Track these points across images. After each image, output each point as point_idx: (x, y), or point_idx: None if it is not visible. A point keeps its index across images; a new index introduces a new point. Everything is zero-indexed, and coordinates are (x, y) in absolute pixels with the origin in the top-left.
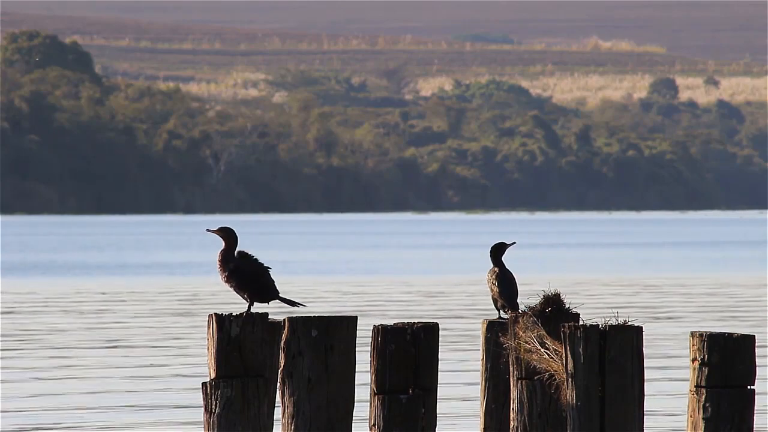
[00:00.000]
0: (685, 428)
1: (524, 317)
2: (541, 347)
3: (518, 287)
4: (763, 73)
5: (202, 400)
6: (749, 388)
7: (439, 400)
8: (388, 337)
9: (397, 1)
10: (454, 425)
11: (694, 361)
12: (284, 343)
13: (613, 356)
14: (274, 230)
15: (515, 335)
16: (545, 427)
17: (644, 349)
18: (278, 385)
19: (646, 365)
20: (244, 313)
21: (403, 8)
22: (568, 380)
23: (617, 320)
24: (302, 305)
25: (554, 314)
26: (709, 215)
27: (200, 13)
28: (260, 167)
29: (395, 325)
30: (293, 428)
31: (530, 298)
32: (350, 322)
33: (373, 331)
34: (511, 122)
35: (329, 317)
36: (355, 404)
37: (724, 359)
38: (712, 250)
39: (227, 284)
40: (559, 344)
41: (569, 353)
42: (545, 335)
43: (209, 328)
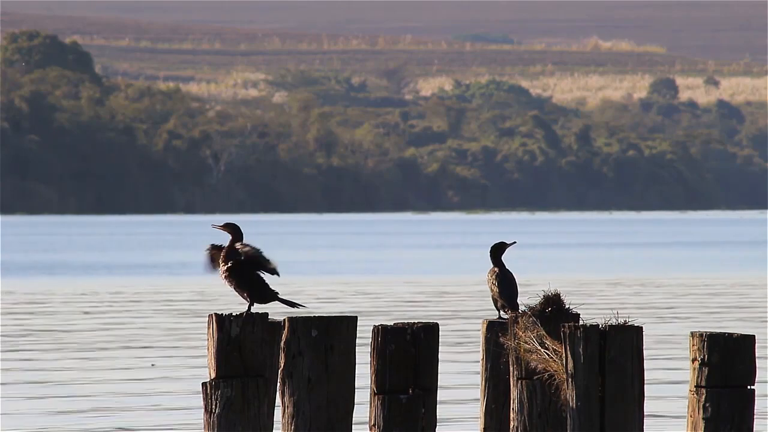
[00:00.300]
0: (685, 428)
1: (524, 317)
2: (540, 347)
3: (518, 287)
4: (763, 73)
5: (202, 400)
6: (749, 388)
7: (439, 400)
8: (388, 337)
9: (397, 1)
10: (454, 425)
11: (694, 361)
12: (284, 343)
13: (613, 356)
14: (274, 230)
15: (515, 335)
16: (545, 427)
17: (644, 349)
18: (278, 385)
19: (646, 365)
20: (244, 313)
21: (403, 8)
22: (568, 380)
23: (617, 320)
24: (302, 306)
25: (554, 314)
26: (709, 215)
27: (200, 13)
28: (260, 167)
29: (395, 325)
30: (293, 428)
31: (530, 298)
32: (350, 322)
33: (373, 331)
34: (511, 122)
35: (329, 317)
36: (355, 404)
37: (724, 359)
38: (712, 250)
39: (227, 283)
40: (559, 344)
41: (569, 353)
42: (545, 335)
43: (209, 328)
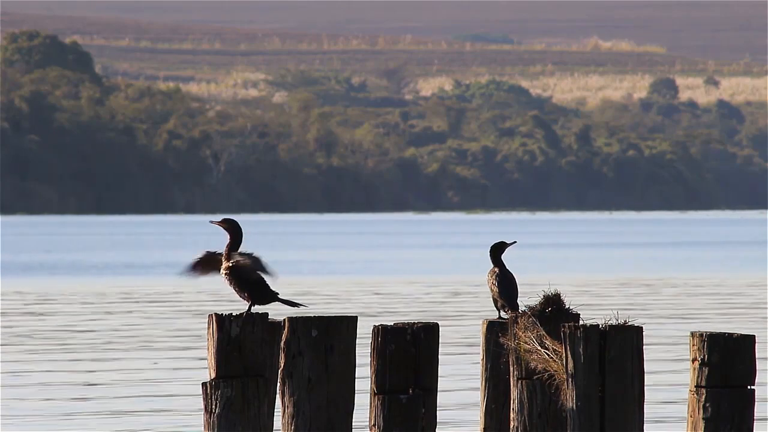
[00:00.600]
0: (685, 428)
1: (524, 317)
2: (540, 347)
3: (518, 287)
4: (763, 73)
5: (202, 400)
6: (749, 388)
7: (439, 400)
8: (388, 337)
9: (397, 1)
10: (454, 425)
11: (694, 361)
12: (284, 343)
13: (613, 356)
14: (274, 230)
15: (515, 335)
16: (545, 427)
17: (644, 349)
18: (278, 385)
19: (646, 365)
20: (244, 313)
21: (403, 8)
22: (568, 380)
23: (617, 320)
24: (303, 306)
25: (554, 314)
26: (709, 215)
27: (200, 13)
28: (260, 167)
29: (395, 325)
30: (293, 428)
31: (530, 298)
32: (350, 322)
33: (373, 331)
34: (511, 122)
35: (329, 317)
36: (355, 404)
37: (724, 359)
38: (712, 250)
39: (227, 282)
40: (558, 344)
41: (569, 353)
42: (545, 335)
43: (209, 328)
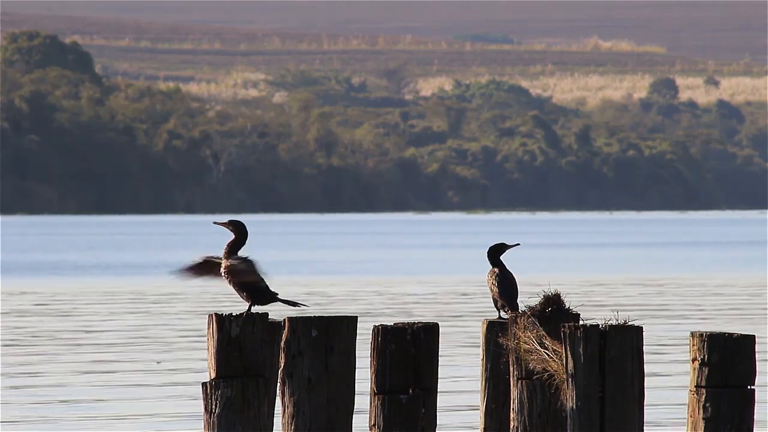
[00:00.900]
0: (685, 428)
1: (524, 317)
2: (540, 347)
3: (518, 287)
4: (763, 73)
5: (202, 400)
6: (749, 388)
7: (439, 400)
8: (388, 337)
9: (397, 1)
10: (454, 425)
11: (694, 361)
12: (284, 343)
13: (613, 356)
14: (274, 230)
15: (515, 335)
16: (545, 427)
17: (644, 349)
18: (278, 385)
19: (646, 365)
20: (244, 313)
21: (403, 8)
22: (568, 380)
23: (617, 320)
24: (303, 306)
25: (554, 314)
26: (709, 215)
27: (200, 13)
28: (260, 167)
29: (395, 325)
30: (293, 428)
31: (530, 298)
32: (350, 322)
33: (373, 331)
34: (511, 122)
35: (329, 317)
36: (355, 404)
37: (724, 359)
38: (712, 250)
39: (227, 280)
40: (558, 344)
41: (569, 353)
42: (545, 335)
43: (209, 328)
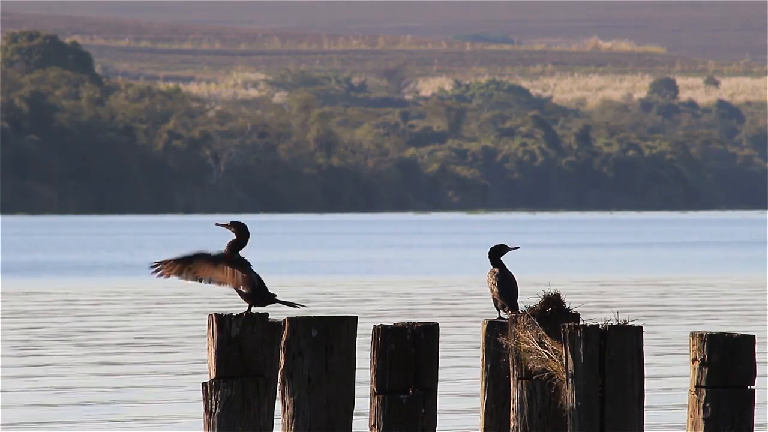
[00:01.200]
0: (685, 428)
1: (524, 317)
2: (540, 347)
3: (518, 287)
4: (763, 73)
5: (202, 400)
6: (749, 388)
7: (439, 400)
8: (388, 337)
9: (397, 1)
10: (454, 425)
11: (694, 361)
12: (284, 343)
13: (613, 356)
14: (274, 230)
15: (515, 335)
16: (545, 427)
17: (644, 349)
18: (278, 385)
19: (646, 365)
20: (244, 313)
21: (403, 8)
22: (568, 380)
23: (617, 320)
24: (302, 306)
25: (554, 314)
26: (709, 215)
27: (200, 13)
28: (260, 167)
29: (395, 325)
30: (293, 428)
31: (531, 298)
32: (350, 322)
33: (373, 331)
34: (511, 122)
35: (329, 317)
36: (355, 404)
37: (724, 359)
38: (712, 250)
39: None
40: (558, 344)
41: (569, 353)
42: (544, 335)
43: (209, 328)
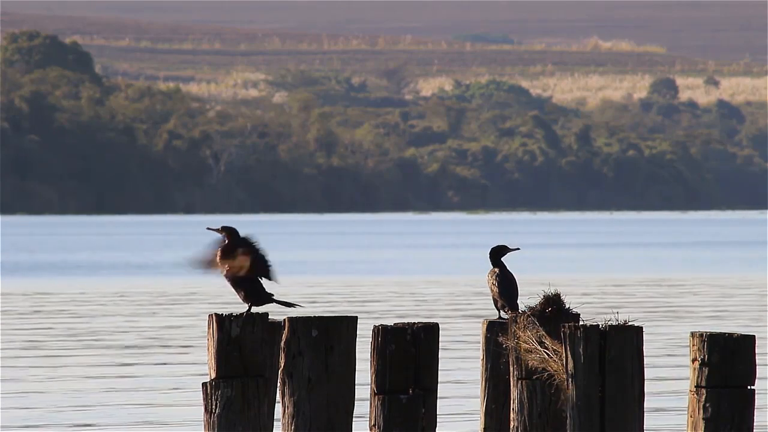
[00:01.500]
0: (685, 428)
1: (524, 317)
2: (540, 347)
3: (518, 287)
4: (763, 73)
5: (202, 400)
6: (749, 388)
7: (439, 400)
8: (388, 337)
9: (397, 1)
10: (454, 425)
11: (694, 361)
12: (284, 343)
13: (613, 356)
14: (274, 230)
15: (515, 335)
16: (545, 427)
17: (644, 349)
18: (278, 385)
19: (646, 365)
20: (244, 313)
21: (403, 8)
22: (568, 380)
23: (617, 320)
24: (299, 306)
25: (554, 314)
26: (709, 215)
27: (200, 13)
28: (260, 167)
29: (395, 325)
30: (293, 428)
31: (531, 298)
32: (350, 322)
33: (373, 331)
34: (511, 122)
35: (329, 317)
36: (355, 404)
37: (724, 359)
38: (712, 250)
39: (225, 278)
40: (558, 344)
41: (569, 353)
42: (545, 335)
43: (209, 328)
